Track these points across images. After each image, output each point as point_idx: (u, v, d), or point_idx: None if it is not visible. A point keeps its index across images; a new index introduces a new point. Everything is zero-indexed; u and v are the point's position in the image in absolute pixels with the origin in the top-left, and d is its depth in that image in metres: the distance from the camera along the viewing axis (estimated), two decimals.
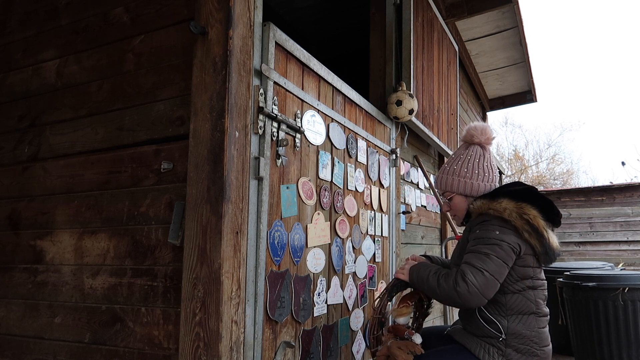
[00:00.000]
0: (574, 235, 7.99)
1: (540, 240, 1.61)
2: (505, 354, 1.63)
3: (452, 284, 1.58)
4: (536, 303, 1.67)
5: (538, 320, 1.67)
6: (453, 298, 1.59)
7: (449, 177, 1.84)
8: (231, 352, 1.44)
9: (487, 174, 1.81)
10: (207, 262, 1.44)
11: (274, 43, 1.72)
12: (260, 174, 1.61)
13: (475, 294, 1.55)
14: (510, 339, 1.63)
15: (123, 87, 1.83)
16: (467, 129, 1.88)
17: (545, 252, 1.62)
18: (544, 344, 1.67)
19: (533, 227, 1.60)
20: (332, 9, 4.42)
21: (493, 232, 1.62)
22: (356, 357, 2.29)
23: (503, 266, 1.59)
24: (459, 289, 1.56)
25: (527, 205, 1.63)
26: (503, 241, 1.60)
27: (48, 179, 1.96)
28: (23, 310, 1.91)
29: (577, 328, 3.77)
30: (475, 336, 1.70)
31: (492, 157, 1.88)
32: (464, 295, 1.56)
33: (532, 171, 18.08)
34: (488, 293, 1.57)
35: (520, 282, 1.65)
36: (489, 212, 1.66)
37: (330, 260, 2.09)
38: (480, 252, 1.60)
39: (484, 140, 1.84)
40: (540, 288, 1.69)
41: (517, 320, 1.65)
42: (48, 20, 2.09)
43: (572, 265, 4.58)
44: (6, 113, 2.13)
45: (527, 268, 1.65)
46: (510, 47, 5.14)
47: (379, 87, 3.09)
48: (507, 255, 1.59)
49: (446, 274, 1.65)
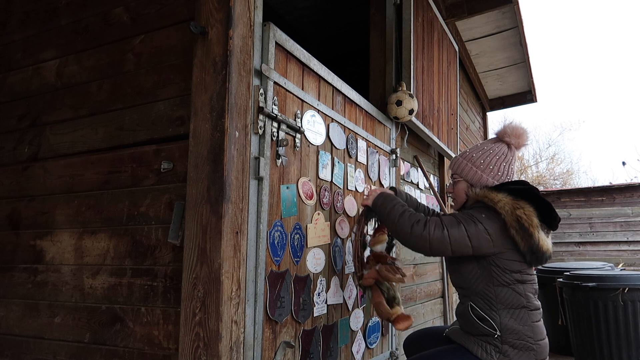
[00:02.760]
0: (574, 236, 7.99)
1: (528, 239, 1.61)
2: (502, 351, 1.64)
3: (413, 223, 1.68)
4: (526, 297, 1.68)
5: (530, 314, 1.68)
6: (404, 234, 1.69)
7: (463, 162, 1.85)
8: (231, 352, 1.44)
9: (500, 173, 1.80)
10: (207, 262, 1.44)
11: (274, 43, 1.72)
12: (260, 174, 1.61)
13: (424, 240, 1.64)
14: (506, 336, 1.64)
15: (123, 87, 1.83)
16: (505, 125, 1.86)
17: (532, 251, 1.62)
18: (539, 338, 1.67)
19: (522, 225, 1.60)
20: (332, 9, 4.42)
21: (479, 214, 1.67)
22: (356, 357, 2.29)
23: (465, 240, 1.63)
24: (415, 229, 1.66)
25: (524, 202, 1.64)
26: (481, 223, 1.64)
27: (48, 179, 1.96)
28: (23, 310, 1.91)
29: (577, 328, 3.77)
30: (472, 335, 1.71)
31: (514, 161, 1.85)
32: (415, 237, 1.66)
33: (531, 171, 18.07)
34: (434, 249, 1.65)
35: (507, 275, 1.66)
36: (485, 200, 1.69)
37: (330, 260, 2.09)
38: (456, 217, 1.68)
39: (514, 142, 1.83)
40: (529, 282, 1.70)
41: (508, 315, 1.66)
42: (48, 20, 2.09)
43: (572, 266, 4.58)
44: (6, 113, 2.13)
45: (512, 262, 1.66)
46: (510, 47, 5.14)
47: (379, 87, 3.09)
48: (476, 235, 1.63)
49: (413, 213, 1.74)
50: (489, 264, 1.67)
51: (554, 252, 1.69)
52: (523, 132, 1.84)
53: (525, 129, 1.85)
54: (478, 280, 1.70)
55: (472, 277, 1.71)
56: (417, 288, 3.44)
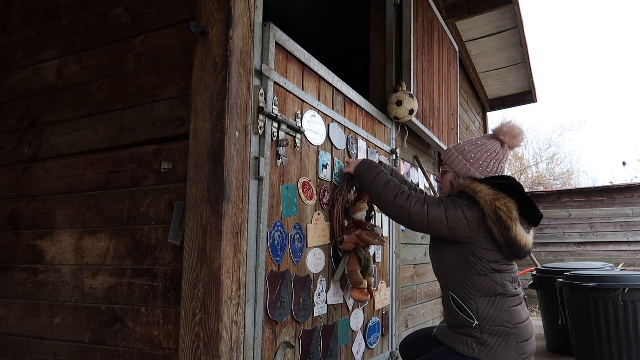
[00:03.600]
0: (574, 236, 7.99)
1: (504, 232, 1.64)
2: (482, 341, 1.68)
3: (397, 193, 1.78)
4: (503, 285, 1.71)
5: (506, 299, 1.71)
6: (386, 202, 1.80)
7: (455, 153, 1.89)
8: (231, 352, 1.44)
9: (489, 169, 1.83)
10: (207, 262, 1.44)
11: (274, 43, 1.72)
12: (260, 174, 1.61)
13: (404, 211, 1.74)
14: (483, 324, 1.69)
15: (123, 87, 1.83)
16: (503, 123, 1.88)
17: (508, 244, 1.65)
18: (516, 322, 1.70)
19: (500, 217, 1.63)
20: (332, 9, 4.42)
21: (461, 201, 1.73)
22: (356, 357, 2.29)
23: (442, 220, 1.69)
24: (397, 199, 1.76)
25: (505, 195, 1.67)
26: (461, 208, 1.70)
27: (48, 179, 1.96)
28: (23, 310, 1.91)
29: (577, 328, 3.77)
30: (455, 332, 1.76)
31: (505, 159, 1.88)
32: (396, 207, 1.76)
33: (531, 171, 18.06)
34: (412, 221, 1.74)
35: (484, 264, 1.70)
36: (466, 189, 1.73)
37: (330, 260, 2.09)
38: (439, 199, 1.77)
39: (508, 141, 1.85)
40: (506, 271, 1.74)
41: (485, 302, 1.70)
42: (48, 20, 2.09)
43: (572, 266, 4.58)
44: (6, 113, 2.13)
45: (489, 251, 1.69)
46: (510, 47, 5.14)
47: (379, 87, 3.09)
48: (454, 217, 1.69)
49: (397, 184, 1.84)
50: (467, 252, 1.72)
51: (554, 252, 1.69)
52: (519, 133, 1.85)
53: (521, 130, 1.86)
54: (457, 269, 1.75)
55: (452, 266, 1.76)
56: (417, 288, 3.44)
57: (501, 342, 1.67)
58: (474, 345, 1.68)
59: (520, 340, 1.69)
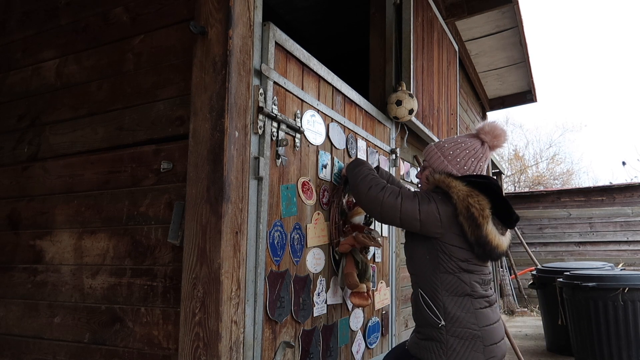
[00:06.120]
0: (574, 235, 7.99)
1: (475, 229, 1.63)
2: (447, 345, 1.66)
3: (372, 185, 1.80)
4: (471, 285, 1.70)
5: (474, 301, 1.70)
6: (361, 193, 1.83)
7: (434, 150, 1.89)
8: (231, 352, 1.44)
9: (466, 167, 1.81)
10: (206, 262, 1.44)
11: (273, 43, 1.72)
12: (260, 173, 1.61)
13: (377, 202, 1.75)
14: (449, 325, 1.67)
15: (123, 87, 1.83)
16: (485, 122, 1.88)
17: (478, 243, 1.64)
18: (483, 324, 1.68)
19: (472, 214, 1.63)
20: (332, 9, 4.41)
21: (436, 195, 1.74)
22: (356, 357, 2.29)
23: (415, 214, 1.70)
24: (371, 191, 1.79)
25: (479, 193, 1.67)
26: (435, 203, 1.70)
27: (48, 179, 1.95)
28: (22, 310, 1.91)
29: (577, 328, 3.77)
30: (422, 340, 1.74)
31: (485, 159, 1.86)
32: (369, 198, 1.78)
33: (532, 171, 18.05)
34: (385, 213, 1.75)
35: (453, 262, 1.69)
36: (441, 185, 1.74)
37: (330, 260, 2.09)
38: (414, 192, 1.78)
39: (489, 141, 1.84)
40: (476, 272, 1.72)
41: (452, 302, 1.69)
42: (48, 20, 2.09)
43: (572, 265, 4.59)
44: (6, 113, 2.13)
45: (459, 249, 1.68)
46: (510, 47, 5.14)
47: (379, 87, 3.09)
48: (427, 211, 1.69)
49: (376, 178, 1.86)
50: (437, 250, 1.71)
51: (554, 252, 1.68)
52: (501, 134, 1.83)
53: (504, 131, 1.85)
54: (426, 267, 1.74)
55: (422, 263, 1.76)
56: None
57: (468, 346, 1.65)
58: (441, 352, 1.66)
59: (488, 343, 1.67)
